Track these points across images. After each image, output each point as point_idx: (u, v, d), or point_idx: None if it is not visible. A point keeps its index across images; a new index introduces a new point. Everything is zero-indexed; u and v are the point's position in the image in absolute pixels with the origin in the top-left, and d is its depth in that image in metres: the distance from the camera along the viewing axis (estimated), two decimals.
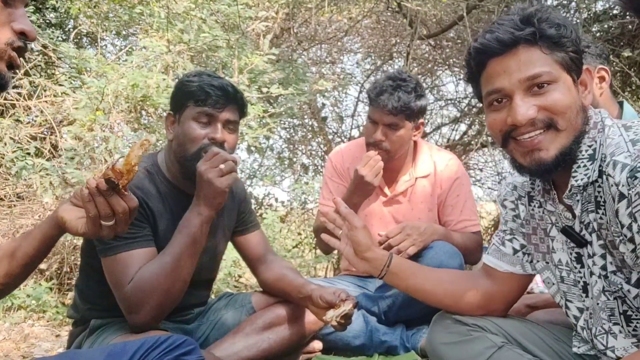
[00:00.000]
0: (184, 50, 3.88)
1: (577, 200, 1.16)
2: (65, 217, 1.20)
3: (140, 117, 4.03)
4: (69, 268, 3.56)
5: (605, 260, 1.15)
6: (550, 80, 1.12)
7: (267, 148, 5.40)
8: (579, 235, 1.18)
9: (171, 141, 1.81)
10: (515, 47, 1.13)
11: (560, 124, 1.12)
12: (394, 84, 2.17)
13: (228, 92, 1.74)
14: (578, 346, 1.29)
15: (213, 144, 1.71)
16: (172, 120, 1.81)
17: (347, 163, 2.42)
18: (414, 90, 2.18)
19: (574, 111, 1.13)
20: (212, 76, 1.78)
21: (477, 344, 1.34)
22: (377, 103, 2.17)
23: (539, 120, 1.12)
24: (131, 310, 1.60)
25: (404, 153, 2.32)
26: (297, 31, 5.52)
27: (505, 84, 1.14)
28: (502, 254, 1.40)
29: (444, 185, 2.34)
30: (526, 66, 1.12)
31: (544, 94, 1.12)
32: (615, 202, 1.04)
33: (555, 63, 1.13)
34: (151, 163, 1.82)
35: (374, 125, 2.22)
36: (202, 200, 1.65)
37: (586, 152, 1.14)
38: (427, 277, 1.49)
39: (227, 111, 1.74)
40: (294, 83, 4.22)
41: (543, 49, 1.13)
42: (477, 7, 4.34)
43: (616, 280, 1.14)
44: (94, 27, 4.68)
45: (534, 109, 1.12)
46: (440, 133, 5.96)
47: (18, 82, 4.16)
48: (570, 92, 1.14)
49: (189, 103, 1.74)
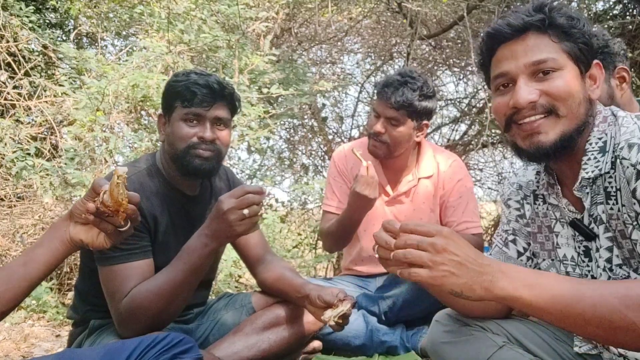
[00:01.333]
0: (184, 51, 3.88)
1: (586, 193, 1.17)
2: (84, 239, 1.21)
3: (140, 118, 4.03)
4: (69, 268, 3.57)
5: (611, 253, 1.16)
6: (556, 67, 1.13)
7: (268, 148, 5.40)
8: (588, 228, 1.19)
9: (163, 142, 1.81)
10: (525, 32, 1.15)
11: (561, 110, 1.13)
12: (402, 79, 2.19)
13: (214, 90, 1.72)
14: (579, 346, 1.29)
15: (202, 143, 1.71)
16: (163, 121, 1.81)
17: (350, 163, 2.42)
18: (420, 89, 2.19)
19: (576, 100, 1.13)
20: (199, 74, 1.75)
21: (478, 343, 1.33)
22: (382, 95, 2.19)
23: (540, 105, 1.14)
24: (121, 324, 1.61)
25: (407, 152, 2.33)
26: (298, 31, 5.53)
27: (511, 68, 1.16)
28: (507, 257, 1.39)
29: (447, 186, 2.35)
30: (533, 51, 1.14)
31: (547, 79, 1.13)
32: (632, 182, 1.06)
33: (563, 52, 1.14)
34: (150, 163, 1.82)
35: (377, 117, 2.24)
36: (213, 233, 1.58)
37: (596, 145, 1.15)
38: None
39: (215, 109, 1.73)
40: (294, 83, 4.23)
41: (552, 37, 1.14)
42: (477, 8, 4.34)
43: (620, 273, 1.14)
44: (94, 28, 4.68)
45: (536, 92, 1.13)
46: (441, 133, 5.96)
47: (18, 82, 4.17)
48: (576, 82, 1.14)
49: (176, 104, 1.73)
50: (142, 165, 1.80)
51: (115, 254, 1.60)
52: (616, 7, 4.43)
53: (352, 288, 2.37)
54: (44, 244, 1.21)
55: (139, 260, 1.63)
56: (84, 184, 3.26)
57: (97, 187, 1.17)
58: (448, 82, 7.94)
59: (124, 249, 1.60)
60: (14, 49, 4.18)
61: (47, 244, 1.21)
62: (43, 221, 3.67)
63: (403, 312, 2.20)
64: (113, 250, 1.56)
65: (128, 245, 1.60)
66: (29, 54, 4.40)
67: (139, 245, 1.65)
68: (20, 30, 4.21)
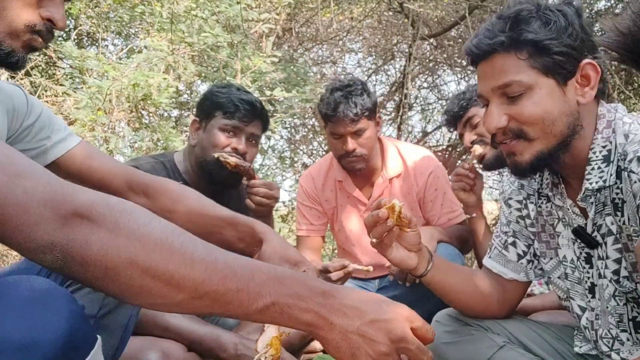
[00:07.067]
0: (186, 51, 3.88)
1: (591, 203, 1.14)
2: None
3: (141, 117, 4.03)
4: None
5: (619, 265, 1.13)
6: (522, 89, 1.10)
7: (269, 148, 5.40)
8: (591, 237, 1.16)
9: (193, 146, 1.87)
10: (492, 54, 1.12)
11: (530, 134, 1.11)
12: (344, 92, 2.15)
13: (255, 108, 1.83)
14: (580, 346, 1.28)
15: (234, 154, 1.79)
16: (198, 126, 1.88)
17: (318, 183, 2.38)
18: (363, 91, 2.17)
19: (548, 120, 1.09)
20: (241, 90, 1.88)
21: (478, 343, 1.33)
22: (337, 117, 2.14)
23: (510, 130, 1.13)
24: None
25: (374, 155, 2.28)
26: (299, 31, 5.53)
27: (483, 90, 1.16)
28: (507, 261, 1.37)
29: (419, 181, 2.30)
30: (499, 74, 1.11)
31: (515, 103, 1.11)
32: (637, 199, 1.02)
33: (532, 69, 1.09)
34: (167, 159, 1.88)
35: (340, 139, 2.18)
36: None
37: (600, 154, 1.11)
38: (457, 274, 1.41)
39: (252, 126, 1.84)
40: (295, 83, 4.22)
41: (519, 55, 1.09)
42: (478, 7, 4.33)
43: (627, 285, 1.12)
44: (95, 28, 4.69)
45: (504, 118, 1.12)
46: (442, 132, 5.96)
47: (19, 82, 4.17)
48: (548, 99, 1.09)
49: (216, 113, 1.82)
50: (159, 158, 1.87)
51: None
52: (618, 6, 4.42)
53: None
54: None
55: None
56: None
57: None
58: (449, 81, 7.96)
59: None
60: None
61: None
62: None
63: None
64: None
65: None
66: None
67: None
68: None
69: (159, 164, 1.83)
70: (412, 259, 1.27)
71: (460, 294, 1.38)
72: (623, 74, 4.13)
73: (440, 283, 1.36)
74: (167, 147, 3.62)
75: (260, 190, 1.80)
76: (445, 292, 1.38)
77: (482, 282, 1.40)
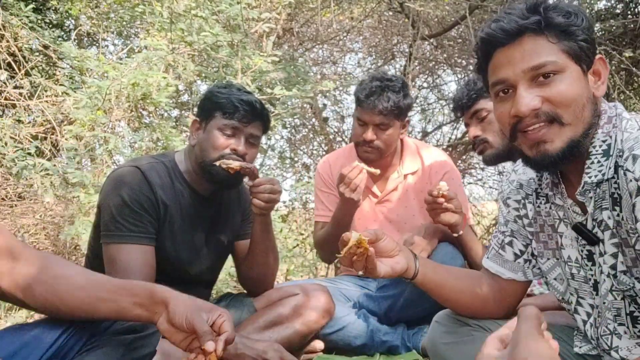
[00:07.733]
0: (186, 51, 3.88)
1: (590, 197, 1.13)
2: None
3: (141, 117, 4.03)
4: None
5: (616, 259, 1.13)
6: (556, 70, 1.08)
7: (269, 148, 5.40)
8: (591, 233, 1.16)
9: (193, 146, 1.87)
10: (521, 36, 1.10)
11: (564, 118, 1.08)
12: (382, 84, 2.19)
13: (255, 108, 1.82)
14: (579, 346, 1.28)
15: (234, 154, 1.78)
16: (198, 127, 1.88)
17: (335, 170, 2.40)
18: (402, 90, 2.21)
19: (579, 104, 1.08)
20: (241, 90, 1.87)
21: (478, 343, 1.31)
22: (367, 104, 2.18)
23: (543, 113, 1.08)
24: None
25: (393, 152, 2.34)
26: (299, 31, 5.52)
27: (509, 75, 1.11)
28: (504, 260, 1.37)
29: (434, 179, 2.33)
30: (530, 56, 1.09)
31: (549, 84, 1.08)
32: (632, 197, 1.02)
33: (563, 52, 1.08)
34: (168, 159, 1.87)
35: (363, 126, 2.24)
36: None
37: (600, 148, 1.11)
38: (449, 272, 1.44)
39: (252, 126, 1.83)
40: (295, 83, 4.22)
41: (550, 38, 1.08)
42: (479, 7, 4.33)
43: (625, 280, 1.11)
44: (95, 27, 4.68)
45: (537, 99, 1.08)
46: (442, 132, 5.96)
47: (19, 82, 4.17)
48: (578, 83, 1.09)
49: (216, 113, 1.81)
50: (160, 159, 1.88)
51: (124, 232, 1.67)
52: (618, 6, 4.42)
53: (352, 288, 2.36)
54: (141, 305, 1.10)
55: (144, 246, 1.70)
56: (84, 184, 3.26)
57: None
58: (450, 81, 7.95)
59: (133, 229, 1.68)
60: (14, 49, 4.18)
61: (142, 311, 1.11)
62: (44, 220, 3.67)
63: (404, 312, 2.19)
64: (121, 229, 1.67)
65: (137, 226, 1.69)
66: (29, 53, 4.40)
67: (146, 229, 1.71)
68: (20, 30, 4.21)
69: (159, 164, 1.83)
70: (399, 262, 1.32)
71: (454, 293, 1.40)
72: (623, 74, 4.13)
73: (433, 282, 1.38)
74: (167, 147, 3.62)
75: (266, 187, 1.80)
76: (438, 291, 1.40)
77: (478, 282, 1.40)
